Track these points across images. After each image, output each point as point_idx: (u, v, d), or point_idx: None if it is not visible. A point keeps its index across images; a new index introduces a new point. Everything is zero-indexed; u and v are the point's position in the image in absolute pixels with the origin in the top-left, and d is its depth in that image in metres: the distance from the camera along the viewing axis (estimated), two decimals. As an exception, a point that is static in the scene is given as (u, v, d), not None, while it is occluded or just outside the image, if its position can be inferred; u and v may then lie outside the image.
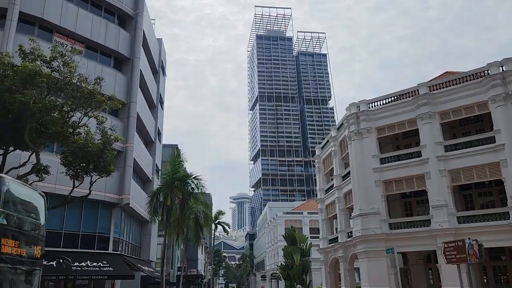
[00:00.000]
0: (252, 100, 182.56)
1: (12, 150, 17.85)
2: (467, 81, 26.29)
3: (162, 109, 41.91)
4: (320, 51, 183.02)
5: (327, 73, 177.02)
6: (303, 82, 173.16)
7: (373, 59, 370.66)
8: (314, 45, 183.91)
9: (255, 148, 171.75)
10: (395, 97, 29.55)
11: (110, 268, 24.59)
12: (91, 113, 17.36)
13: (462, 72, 28.33)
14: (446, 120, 26.87)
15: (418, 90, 28.09)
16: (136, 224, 33.61)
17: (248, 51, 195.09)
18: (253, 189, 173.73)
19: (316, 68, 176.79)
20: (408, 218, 28.71)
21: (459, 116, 26.37)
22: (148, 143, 37.14)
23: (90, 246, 26.28)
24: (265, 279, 77.04)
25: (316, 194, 42.49)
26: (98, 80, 17.12)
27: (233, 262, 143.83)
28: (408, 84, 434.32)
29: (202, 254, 71.63)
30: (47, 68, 15.87)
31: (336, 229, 42.10)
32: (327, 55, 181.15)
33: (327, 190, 37.59)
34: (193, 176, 26.88)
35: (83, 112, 17.08)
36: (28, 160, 19.21)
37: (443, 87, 27.22)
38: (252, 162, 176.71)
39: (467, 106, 25.71)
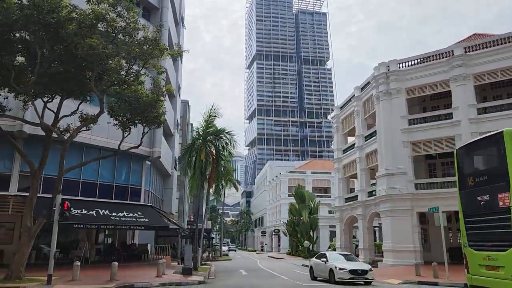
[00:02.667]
0: (249, 58, 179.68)
1: (66, 98, 17.48)
2: (504, 43, 26.16)
3: (181, 62, 41.04)
4: (320, 9, 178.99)
5: (326, 33, 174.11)
6: (301, 42, 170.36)
7: (370, 21, 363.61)
8: (314, 4, 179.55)
9: (251, 107, 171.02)
10: (427, 58, 29.37)
11: (146, 219, 24.89)
12: (153, 61, 16.86)
13: (495, 34, 28.15)
14: (481, 82, 26.92)
15: (452, 51, 27.92)
16: (160, 178, 33.77)
17: (246, 7, 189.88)
18: (248, 148, 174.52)
19: (316, 27, 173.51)
20: (434, 179, 29.31)
21: (494, 79, 26.42)
22: (170, 96, 36.62)
23: (123, 197, 26.43)
24: (265, 235, 79.00)
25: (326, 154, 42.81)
26: (159, 27, 16.54)
27: (227, 219, 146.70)
28: (405, 48, 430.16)
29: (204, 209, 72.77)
30: (111, 13, 15.23)
31: (352, 188, 43.09)
32: (327, 14, 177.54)
33: (345, 150, 37.94)
34: (226, 131, 26.80)
35: (142, 61, 16.59)
36: (77, 109, 18.91)
37: (478, 49, 27.08)
38: (248, 121, 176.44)
39: (504, 69, 25.69)
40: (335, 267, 18.75)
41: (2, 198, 21.53)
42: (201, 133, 26.69)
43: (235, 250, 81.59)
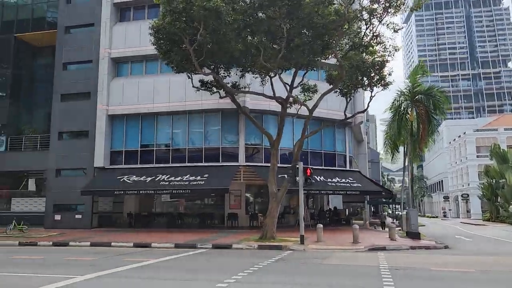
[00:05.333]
0: (405, 11, 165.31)
1: (300, 69, 18.22)
2: None
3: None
4: None
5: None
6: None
7: None
8: None
9: (411, 65, 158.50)
10: None
11: (359, 184, 25.07)
12: (390, 17, 16.28)
13: None
14: None
15: None
16: (355, 143, 33.69)
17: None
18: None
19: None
20: None
21: None
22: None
23: (331, 164, 27.09)
24: (448, 200, 73.35)
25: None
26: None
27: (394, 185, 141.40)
28: None
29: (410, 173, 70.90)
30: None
31: None
32: None
33: None
34: (436, 89, 24.84)
35: (378, 20, 16.15)
36: (302, 80, 19.62)
37: None
38: (408, 80, 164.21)
39: None
40: None
41: (234, 169, 24.12)
42: (407, 93, 25.29)
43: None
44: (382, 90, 18.62)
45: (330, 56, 18.19)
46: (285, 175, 21.22)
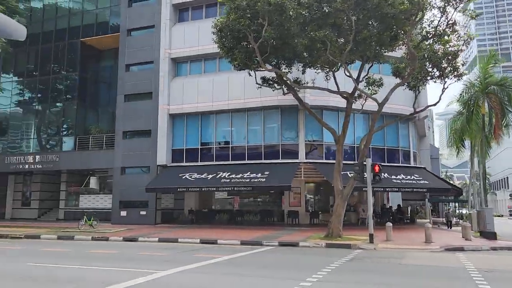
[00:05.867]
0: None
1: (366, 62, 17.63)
2: None
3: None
4: None
5: None
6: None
7: None
8: None
9: (469, 56, 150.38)
10: None
11: (426, 181, 23.95)
12: (464, 3, 15.37)
13: None
14: None
15: None
16: (417, 139, 32.30)
17: None
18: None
19: None
20: None
21: None
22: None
23: (394, 160, 26.10)
24: (515, 198, 68.92)
25: None
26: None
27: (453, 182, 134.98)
28: None
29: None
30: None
31: None
32: None
33: None
34: (510, 79, 23.20)
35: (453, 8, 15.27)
36: (367, 74, 18.99)
37: None
38: (467, 71, 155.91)
39: None
40: None
41: (295, 166, 23.85)
42: (478, 85, 23.80)
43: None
44: (455, 81, 17.58)
45: (397, 48, 17.48)
46: (347, 172, 20.69)
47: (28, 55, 33.35)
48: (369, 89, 19.34)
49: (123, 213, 26.99)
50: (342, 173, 18.52)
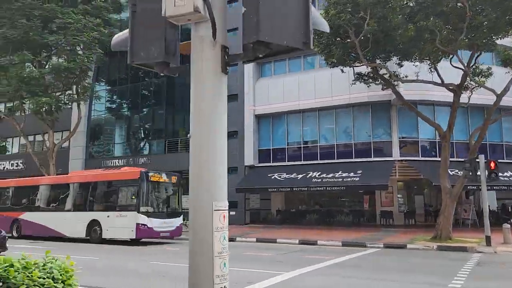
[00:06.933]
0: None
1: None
2: None
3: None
4: None
5: None
6: None
7: None
8: None
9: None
10: None
11: None
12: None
13: None
14: None
15: None
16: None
17: None
18: None
19: None
20: None
21: None
22: None
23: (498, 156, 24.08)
24: None
25: None
26: None
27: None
28: None
29: None
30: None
31: None
32: None
33: None
34: None
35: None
36: (474, 63, 17.63)
37: None
38: None
39: None
40: None
41: (389, 164, 22.85)
42: None
43: None
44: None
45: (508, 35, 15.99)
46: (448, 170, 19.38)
47: (119, 64, 35.51)
48: (475, 80, 17.93)
49: (214, 213, 27.60)
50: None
